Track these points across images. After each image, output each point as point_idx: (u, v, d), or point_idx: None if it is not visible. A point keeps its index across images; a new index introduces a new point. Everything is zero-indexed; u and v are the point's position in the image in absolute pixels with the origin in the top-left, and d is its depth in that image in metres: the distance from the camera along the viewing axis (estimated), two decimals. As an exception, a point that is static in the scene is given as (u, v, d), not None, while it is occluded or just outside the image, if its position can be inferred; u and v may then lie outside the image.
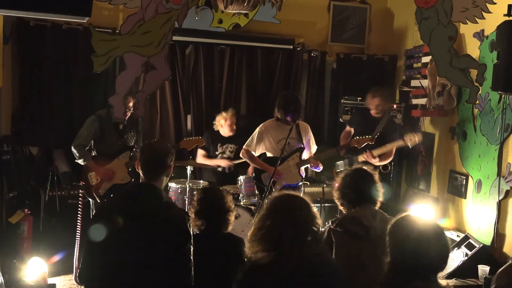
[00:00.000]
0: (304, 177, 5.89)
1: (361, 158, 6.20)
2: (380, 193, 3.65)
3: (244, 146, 5.85)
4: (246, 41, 7.18)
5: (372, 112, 6.29)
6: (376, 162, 6.15)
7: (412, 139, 6.07)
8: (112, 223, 2.95)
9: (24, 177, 6.12)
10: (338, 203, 3.71)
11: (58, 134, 6.50)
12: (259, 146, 5.80)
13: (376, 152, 6.09)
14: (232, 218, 3.70)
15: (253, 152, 5.81)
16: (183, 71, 7.05)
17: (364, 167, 3.78)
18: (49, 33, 6.42)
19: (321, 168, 5.84)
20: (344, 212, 3.66)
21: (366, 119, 6.37)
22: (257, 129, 5.84)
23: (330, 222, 3.59)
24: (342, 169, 6.40)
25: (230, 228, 3.72)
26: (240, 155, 5.93)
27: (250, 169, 6.43)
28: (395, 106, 6.97)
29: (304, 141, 5.83)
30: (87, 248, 3.05)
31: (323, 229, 3.49)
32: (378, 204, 3.64)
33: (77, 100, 6.65)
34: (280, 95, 5.92)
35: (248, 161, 5.88)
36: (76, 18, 4.40)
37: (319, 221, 2.83)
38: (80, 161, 5.62)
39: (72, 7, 4.25)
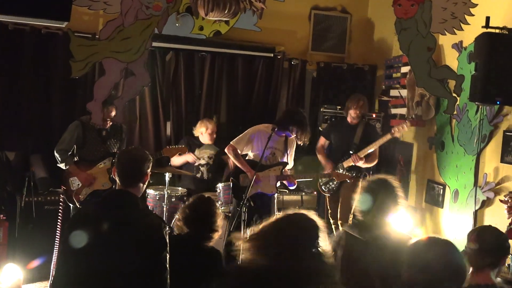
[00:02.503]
0: (278, 189, 5.88)
1: (346, 164, 6.19)
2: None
3: (231, 142, 5.79)
4: (226, 49, 7.17)
5: (349, 119, 6.29)
6: (363, 164, 6.14)
7: (400, 130, 6.03)
8: (87, 231, 2.91)
9: (0, 182, 6.04)
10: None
11: (35, 139, 6.42)
12: (247, 147, 5.79)
13: (362, 153, 6.08)
14: (216, 236, 3.72)
15: (239, 151, 5.79)
16: (163, 77, 7.01)
17: (384, 177, 3.80)
18: (28, 37, 6.35)
19: (295, 186, 5.88)
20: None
21: (343, 128, 6.37)
22: (250, 131, 5.81)
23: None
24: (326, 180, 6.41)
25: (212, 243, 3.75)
26: (226, 150, 5.85)
27: (231, 162, 6.46)
28: (374, 115, 7.01)
29: (287, 155, 5.86)
30: (62, 256, 3.01)
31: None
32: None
33: (55, 105, 6.58)
34: (298, 113, 5.83)
35: (232, 158, 5.79)
36: (55, 22, 4.38)
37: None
38: (62, 165, 5.58)
39: (51, 11, 4.23)
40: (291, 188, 5.96)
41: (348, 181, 6.02)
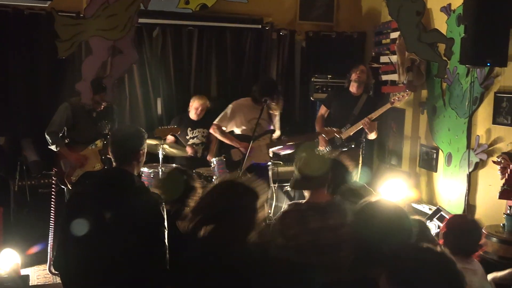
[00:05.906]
0: (271, 157, 5.88)
1: (345, 134, 6.10)
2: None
3: (215, 122, 5.81)
4: (214, 22, 7.08)
5: (352, 88, 6.20)
6: (370, 132, 6.05)
7: (400, 98, 5.94)
8: (85, 211, 2.91)
9: (-8, 167, 6.02)
10: None
11: (25, 123, 6.38)
12: (230, 123, 5.79)
13: (373, 115, 5.96)
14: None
15: (223, 128, 5.79)
16: (151, 54, 6.93)
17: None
18: (11, 19, 6.26)
19: (293, 149, 5.87)
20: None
21: (345, 99, 6.26)
22: (230, 106, 5.81)
23: None
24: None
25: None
26: (211, 130, 5.89)
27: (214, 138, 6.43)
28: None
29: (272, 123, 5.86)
30: (61, 236, 3.02)
31: None
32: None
33: (43, 87, 6.52)
34: (263, 80, 5.96)
35: (219, 137, 5.84)
36: (38, 2, 4.30)
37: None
38: (53, 148, 5.55)
39: (34, -9, 4.16)
40: (290, 151, 5.92)
41: (337, 136, 5.95)
